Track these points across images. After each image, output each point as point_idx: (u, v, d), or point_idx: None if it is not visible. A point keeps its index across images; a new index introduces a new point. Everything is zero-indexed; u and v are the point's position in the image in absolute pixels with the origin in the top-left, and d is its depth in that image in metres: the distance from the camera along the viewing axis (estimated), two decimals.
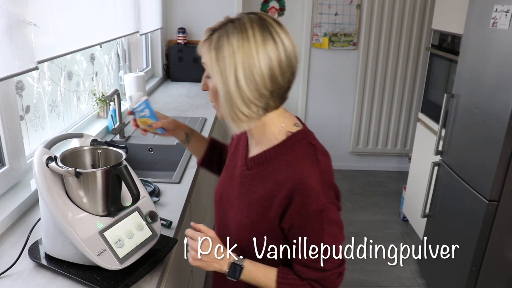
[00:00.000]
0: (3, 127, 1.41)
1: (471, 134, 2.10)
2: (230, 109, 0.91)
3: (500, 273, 2.04)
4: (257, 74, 0.87)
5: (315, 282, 0.95)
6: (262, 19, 0.90)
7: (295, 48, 0.92)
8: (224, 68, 0.88)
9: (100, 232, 1.09)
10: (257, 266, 0.97)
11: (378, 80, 3.96)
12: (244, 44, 0.87)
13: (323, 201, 0.91)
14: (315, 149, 0.95)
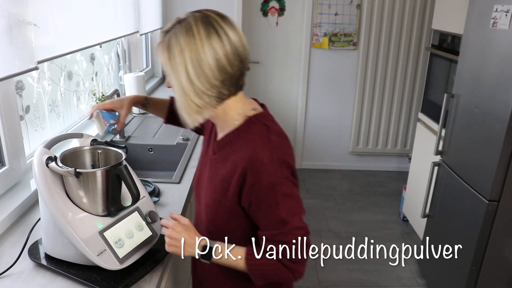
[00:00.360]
0: (3, 127, 1.41)
1: (471, 134, 2.10)
2: (184, 102, 0.98)
3: (500, 273, 2.04)
4: (206, 67, 0.94)
5: (280, 255, 0.99)
6: (206, 15, 0.97)
7: (241, 37, 0.99)
8: (175, 65, 0.96)
9: (100, 232, 1.09)
10: (227, 247, 1.02)
11: (378, 80, 3.96)
12: (190, 41, 0.94)
13: (274, 176, 0.97)
14: (269, 129, 1.02)
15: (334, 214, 3.40)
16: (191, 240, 1.02)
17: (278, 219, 0.98)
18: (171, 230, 1.03)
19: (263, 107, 1.10)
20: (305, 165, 4.27)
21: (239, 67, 0.99)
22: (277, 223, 0.98)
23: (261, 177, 0.97)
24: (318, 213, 3.40)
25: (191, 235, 1.03)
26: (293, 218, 0.99)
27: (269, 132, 1.02)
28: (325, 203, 3.57)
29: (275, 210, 0.98)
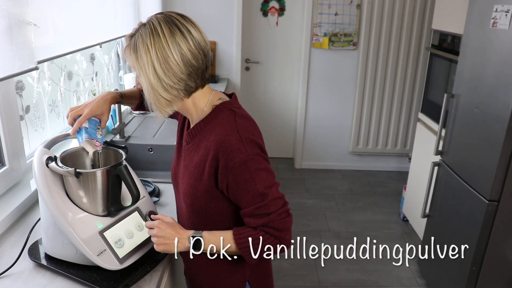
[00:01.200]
0: (3, 127, 1.41)
1: (471, 134, 2.10)
2: (154, 97, 1.04)
3: (500, 273, 2.04)
4: (172, 62, 1.00)
5: (265, 226, 1.03)
6: (168, 15, 1.04)
7: (202, 33, 1.06)
8: (143, 65, 1.01)
9: (100, 232, 1.09)
10: (214, 233, 1.06)
11: (378, 80, 3.96)
12: (155, 39, 1.00)
13: (245, 154, 1.01)
14: (235, 114, 1.09)
15: (334, 214, 3.40)
16: (178, 235, 1.05)
17: (256, 193, 1.02)
18: (157, 229, 1.06)
19: (232, 96, 1.17)
20: (305, 165, 4.27)
21: (203, 60, 1.05)
22: (256, 197, 1.02)
23: (233, 156, 1.01)
24: (318, 213, 3.40)
25: (177, 231, 1.06)
26: (270, 190, 1.02)
27: (235, 116, 1.08)
28: (325, 203, 3.57)
29: (252, 185, 1.02)
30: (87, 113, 1.19)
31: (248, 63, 4.08)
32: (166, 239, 1.05)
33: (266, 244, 1.03)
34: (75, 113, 1.19)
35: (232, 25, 3.74)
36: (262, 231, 1.03)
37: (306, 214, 3.38)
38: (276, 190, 1.04)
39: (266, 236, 1.02)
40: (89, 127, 1.17)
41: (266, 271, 1.24)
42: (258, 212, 1.02)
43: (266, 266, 1.24)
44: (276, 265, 2.72)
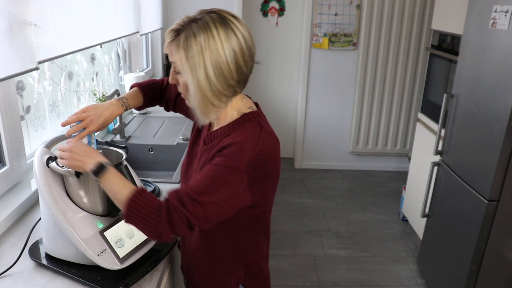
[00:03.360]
0: (4, 127, 1.41)
1: (471, 134, 2.11)
2: (201, 102, 0.99)
3: (499, 273, 2.04)
4: (225, 68, 0.96)
5: (172, 206, 0.95)
6: (222, 16, 0.98)
7: (252, 37, 1.02)
8: (194, 65, 0.95)
9: (100, 232, 1.09)
10: (121, 177, 1.01)
11: (378, 80, 3.97)
12: (210, 42, 0.94)
13: (237, 161, 0.96)
14: (261, 127, 1.03)
15: (334, 214, 3.40)
16: (90, 155, 1.02)
17: (202, 184, 0.95)
18: (72, 145, 1.04)
19: (257, 106, 1.13)
20: (305, 165, 4.27)
21: (251, 66, 1.03)
22: (198, 186, 0.96)
23: (229, 154, 0.97)
24: (318, 213, 3.40)
25: (91, 151, 1.04)
26: (209, 197, 0.95)
27: (261, 130, 1.03)
28: (325, 203, 3.57)
29: (207, 178, 0.96)
30: (92, 130, 1.13)
31: None
32: (78, 155, 1.02)
33: (148, 219, 0.95)
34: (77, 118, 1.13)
35: None
36: (156, 210, 0.95)
37: (306, 214, 3.38)
38: (213, 207, 0.95)
39: (155, 215, 0.94)
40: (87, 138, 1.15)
41: (262, 275, 1.21)
42: (184, 196, 0.95)
43: (262, 270, 1.21)
44: (276, 265, 2.72)
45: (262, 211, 1.11)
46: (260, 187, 1.02)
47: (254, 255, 1.16)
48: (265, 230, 1.17)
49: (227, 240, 1.11)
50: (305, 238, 3.05)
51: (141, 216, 0.95)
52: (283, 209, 3.44)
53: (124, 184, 0.99)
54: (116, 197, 0.99)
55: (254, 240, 1.14)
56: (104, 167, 0.99)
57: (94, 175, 1.00)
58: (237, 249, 1.12)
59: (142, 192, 0.97)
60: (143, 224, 0.96)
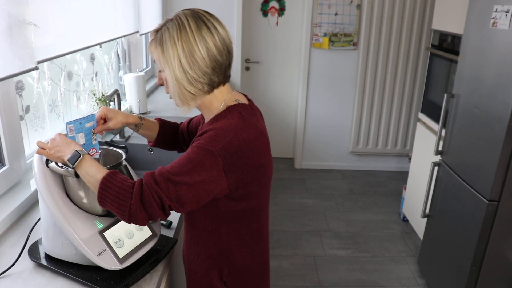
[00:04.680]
0: (3, 127, 1.41)
1: (471, 134, 2.10)
2: (179, 91, 1.05)
3: (500, 273, 2.04)
4: (198, 56, 1.02)
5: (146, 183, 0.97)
6: (195, 11, 1.06)
7: (227, 31, 1.09)
8: (169, 58, 1.02)
9: (100, 232, 1.09)
10: (96, 163, 1.03)
11: (378, 80, 3.96)
12: (182, 33, 1.02)
13: (211, 144, 0.99)
14: (241, 117, 1.07)
15: (334, 214, 3.40)
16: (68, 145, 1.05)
17: (177, 165, 0.99)
18: (52, 138, 1.08)
19: (249, 102, 1.16)
20: (305, 165, 4.27)
21: (227, 56, 1.08)
22: (173, 167, 0.98)
23: (204, 137, 1.02)
24: (318, 213, 3.40)
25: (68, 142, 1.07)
26: (172, 175, 0.97)
27: (240, 118, 1.06)
28: (325, 203, 3.57)
29: (178, 159, 1.00)
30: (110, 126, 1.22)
31: (248, 63, 4.08)
32: (57, 146, 1.05)
33: (120, 199, 0.96)
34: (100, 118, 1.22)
35: (232, 25, 3.74)
36: (130, 188, 0.97)
37: (306, 214, 3.38)
38: (186, 188, 0.97)
39: (126, 195, 0.96)
40: (85, 140, 1.14)
41: (249, 276, 1.20)
42: (158, 176, 0.97)
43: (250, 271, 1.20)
44: (276, 265, 2.72)
45: (247, 207, 1.11)
46: (237, 176, 1.03)
47: (241, 253, 1.15)
48: (256, 229, 1.17)
49: (210, 232, 1.12)
50: (305, 238, 3.04)
51: (113, 194, 0.97)
52: (283, 209, 3.44)
53: (98, 169, 1.02)
54: (91, 182, 1.01)
55: (241, 237, 1.14)
56: (79, 155, 1.02)
57: (70, 163, 1.02)
58: (221, 243, 1.13)
59: (115, 173, 1.00)
60: (115, 203, 0.97)
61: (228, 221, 1.10)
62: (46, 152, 1.07)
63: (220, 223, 1.10)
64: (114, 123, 1.23)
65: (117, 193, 0.97)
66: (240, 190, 1.06)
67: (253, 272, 1.20)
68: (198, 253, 1.16)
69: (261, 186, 1.12)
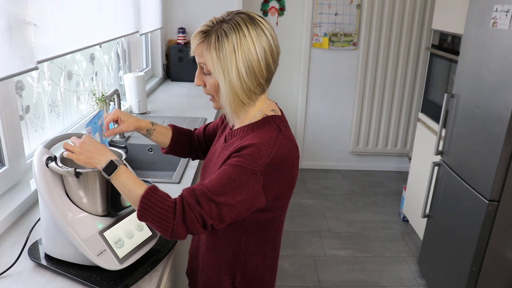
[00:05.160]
0: (3, 127, 1.41)
1: (471, 134, 2.10)
2: (232, 101, 1.02)
3: (500, 273, 2.03)
4: (256, 67, 1.00)
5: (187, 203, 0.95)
6: (251, 16, 1.02)
7: (276, 37, 1.07)
8: (226, 65, 0.98)
9: (100, 232, 1.09)
10: (133, 175, 1.01)
11: (378, 80, 3.96)
12: (242, 41, 0.98)
13: (254, 164, 0.96)
14: (280, 131, 1.05)
15: (334, 214, 3.40)
16: (102, 152, 1.02)
17: (217, 183, 0.96)
18: (81, 141, 1.03)
19: (281, 112, 1.15)
20: (305, 165, 4.27)
21: (277, 65, 1.07)
22: (213, 186, 0.96)
23: (245, 155, 0.97)
24: (318, 213, 3.40)
25: (102, 149, 1.03)
26: (214, 196, 0.95)
27: (279, 133, 1.04)
28: (325, 203, 3.57)
29: (218, 176, 0.97)
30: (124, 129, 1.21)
31: None
32: (88, 151, 1.01)
33: (162, 217, 0.95)
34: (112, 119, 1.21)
35: None
36: (172, 208, 0.95)
37: (306, 214, 3.38)
38: (229, 208, 0.95)
39: (169, 213, 0.95)
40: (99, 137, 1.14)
41: (259, 285, 1.19)
42: (200, 195, 0.95)
43: (261, 279, 1.20)
44: None
45: (270, 217, 1.09)
46: (275, 191, 1.02)
47: (255, 262, 1.15)
48: (272, 239, 1.16)
49: (230, 240, 1.11)
50: (305, 238, 3.04)
51: (155, 214, 0.95)
52: None
53: (136, 182, 1.00)
54: (129, 195, 0.99)
55: (258, 246, 1.13)
56: (115, 166, 0.99)
57: (106, 173, 1.00)
58: (238, 251, 1.12)
59: (155, 189, 0.98)
60: (157, 222, 0.96)
61: (249, 230, 1.09)
62: (75, 156, 1.02)
63: (241, 231, 1.09)
64: (126, 126, 1.22)
65: (159, 213, 0.95)
66: (271, 204, 1.04)
67: (263, 279, 1.20)
68: (215, 258, 1.14)
69: (287, 198, 1.11)
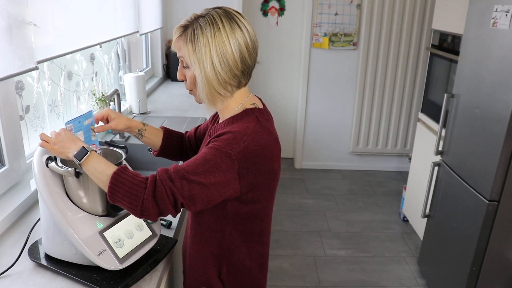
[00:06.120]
0: (3, 127, 1.41)
1: (472, 134, 2.10)
2: (209, 91, 1.05)
3: (500, 273, 2.03)
4: (230, 58, 1.02)
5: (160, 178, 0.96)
6: (227, 11, 1.05)
7: (255, 32, 1.08)
8: (201, 57, 1.01)
9: (100, 232, 1.09)
10: (104, 160, 1.02)
11: (378, 80, 3.96)
12: (216, 34, 1.01)
13: (229, 147, 0.99)
14: (258, 121, 1.07)
15: (334, 214, 3.40)
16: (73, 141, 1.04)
17: (193, 164, 0.98)
18: (57, 133, 1.06)
19: (264, 107, 1.16)
20: (305, 165, 4.27)
21: (255, 59, 1.09)
22: (188, 166, 0.98)
23: (221, 139, 1.01)
24: (318, 213, 3.40)
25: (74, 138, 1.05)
26: (187, 174, 0.97)
27: (257, 123, 1.06)
28: (325, 203, 3.57)
29: (194, 158, 1.00)
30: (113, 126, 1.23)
31: None
32: (62, 141, 1.04)
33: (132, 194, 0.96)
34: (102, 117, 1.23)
35: None
36: (143, 184, 0.96)
37: (306, 214, 3.38)
38: (200, 187, 0.97)
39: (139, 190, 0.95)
40: (84, 137, 1.15)
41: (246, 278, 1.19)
42: (173, 172, 0.97)
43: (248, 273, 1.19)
44: (276, 266, 2.72)
45: (253, 209, 1.10)
46: (249, 179, 1.03)
47: (241, 255, 1.15)
48: (258, 232, 1.16)
49: (214, 231, 1.12)
50: (305, 238, 3.04)
51: (125, 189, 0.96)
52: (283, 209, 3.44)
53: (107, 164, 1.01)
54: (99, 177, 1.00)
55: (243, 238, 1.14)
56: (86, 151, 1.01)
57: (77, 159, 1.01)
58: (223, 242, 1.13)
59: (125, 168, 1.00)
60: (127, 198, 0.96)
61: (233, 222, 1.10)
62: (49, 146, 1.05)
63: (225, 223, 1.10)
64: (116, 123, 1.23)
65: (129, 188, 0.96)
66: (249, 194, 1.06)
67: (250, 273, 1.20)
68: (200, 250, 1.16)
69: (269, 191, 1.12)
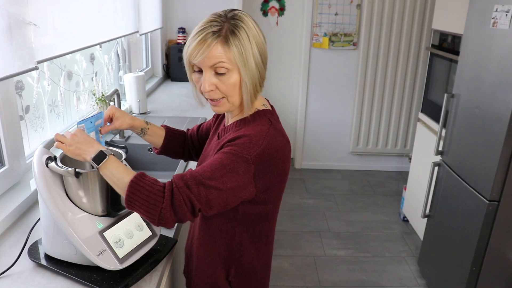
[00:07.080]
0: (3, 127, 1.41)
1: (472, 134, 2.10)
2: (253, 92, 1.04)
3: (500, 273, 2.03)
4: (265, 50, 1.05)
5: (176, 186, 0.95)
6: (242, 12, 1.05)
7: None
8: (246, 57, 1.00)
9: (99, 232, 1.09)
10: (122, 164, 1.01)
11: (378, 80, 3.96)
12: (252, 32, 1.01)
13: (245, 151, 0.98)
14: (271, 124, 1.07)
15: (334, 214, 3.40)
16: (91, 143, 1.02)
17: (208, 169, 0.97)
18: (72, 134, 1.04)
19: (272, 107, 1.17)
20: (305, 165, 4.27)
21: None
22: (204, 171, 0.97)
23: (237, 143, 1.00)
24: (318, 213, 3.40)
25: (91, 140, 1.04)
26: (204, 179, 0.95)
27: (270, 126, 1.06)
28: (325, 203, 3.57)
29: (210, 162, 0.99)
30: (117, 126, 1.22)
31: None
32: (78, 143, 1.02)
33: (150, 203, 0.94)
34: None
35: None
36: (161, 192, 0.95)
37: (306, 214, 3.38)
38: (217, 192, 0.96)
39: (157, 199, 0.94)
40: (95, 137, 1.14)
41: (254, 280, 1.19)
42: (189, 179, 0.96)
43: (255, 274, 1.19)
44: (276, 266, 2.72)
45: (263, 210, 1.10)
46: (264, 182, 1.03)
47: (249, 256, 1.15)
48: (266, 233, 1.16)
49: (224, 232, 1.11)
50: (305, 239, 3.04)
51: (143, 198, 0.95)
52: (283, 209, 3.44)
53: (125, 170, 0.99)
54: (117, 183, 0.99)
55: (252, 240, 1.14)
56: (105, 155, 0.99)
57: (95, 163, 0.99)
58: (232, 244, 1.12)
59: (143, 175, 0.98)
60: (146, 207, 0.95)
61: (243, 223, 1.10)
62: (64, 147, 1.03)
63: (235, 224, 1.10)
64: (120, 123, 1.22)
65: (147, 196, 0.94)
66: (262, 195, 1.05)
67: (257, 274, 1.20)
68: (209, 251, 1.15)
69: (279, 191, 1.12)
